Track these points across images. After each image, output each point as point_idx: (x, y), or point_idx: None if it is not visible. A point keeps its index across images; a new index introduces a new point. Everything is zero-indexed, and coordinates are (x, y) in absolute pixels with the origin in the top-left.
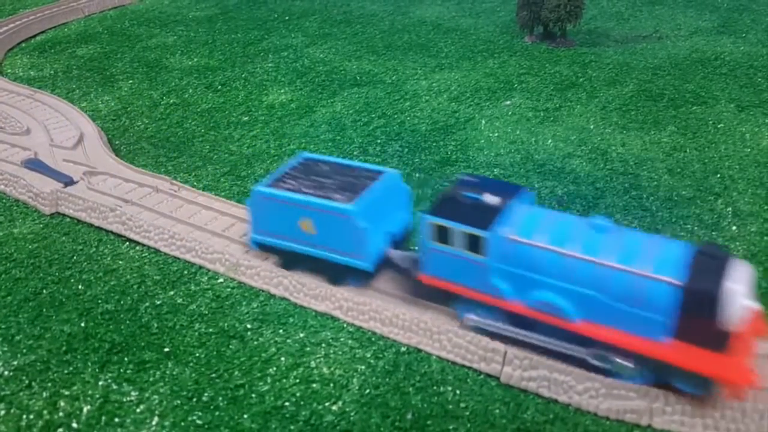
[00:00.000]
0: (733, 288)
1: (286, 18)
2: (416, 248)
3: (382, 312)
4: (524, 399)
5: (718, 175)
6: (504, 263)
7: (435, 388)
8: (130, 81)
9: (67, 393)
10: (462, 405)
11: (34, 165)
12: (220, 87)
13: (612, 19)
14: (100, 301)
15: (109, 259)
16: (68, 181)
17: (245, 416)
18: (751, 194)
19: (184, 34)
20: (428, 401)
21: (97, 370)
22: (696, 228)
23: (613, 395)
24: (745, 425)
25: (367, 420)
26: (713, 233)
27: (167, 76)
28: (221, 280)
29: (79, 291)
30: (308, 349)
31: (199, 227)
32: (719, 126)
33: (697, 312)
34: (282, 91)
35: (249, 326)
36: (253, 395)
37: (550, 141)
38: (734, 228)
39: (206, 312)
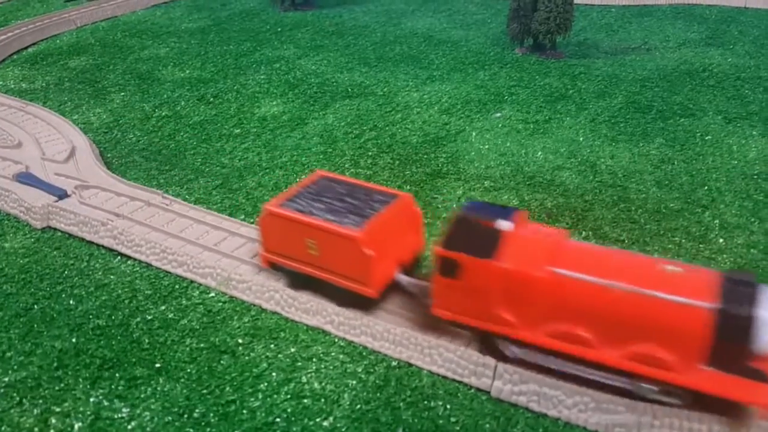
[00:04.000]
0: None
1: (279, 30)
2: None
3: (373, 327)
4: (514, 413)
5: (706, 188)
6: None
7: (426, 403)
8: (122, 93)
9: (58, 410)
10: (452, 420)
11: (26, 179)
12: (212, 99)
13: (601, 30)
14: (91, 317)
15: (100, 273)
16: (62, 195)
17: None
18: (738, 206)
19: (177, 45)
20: (419, 416)
21: (88, 386)
22: (684, 240)
23: (602, 409)
24: None
25: None
26: (701, 245)
27: (159, 88)
28: (213, 294)
29: (71, 306)
30: (299, 364)
31: (191, 241)
32: (707, 138)
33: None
34: (274, 103)
35: (240, 341)
36: (245, 411)
37: (540, 153)
38: (721, 240)
39: (197, 327)
